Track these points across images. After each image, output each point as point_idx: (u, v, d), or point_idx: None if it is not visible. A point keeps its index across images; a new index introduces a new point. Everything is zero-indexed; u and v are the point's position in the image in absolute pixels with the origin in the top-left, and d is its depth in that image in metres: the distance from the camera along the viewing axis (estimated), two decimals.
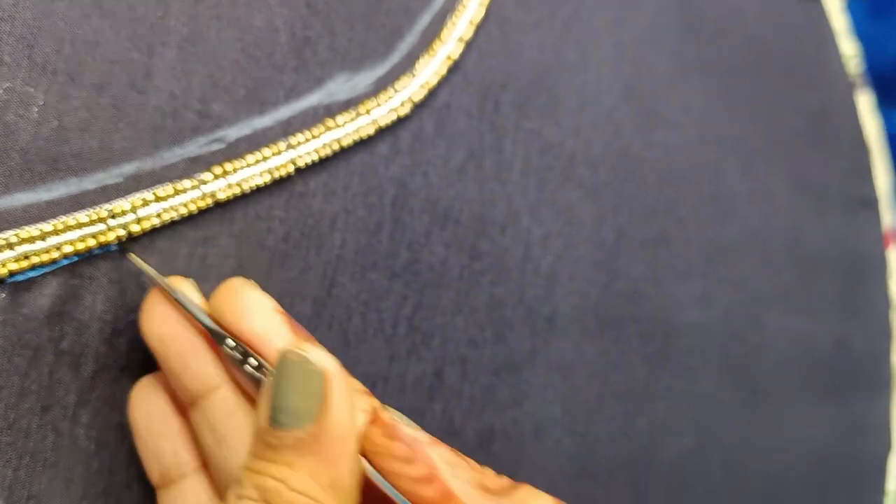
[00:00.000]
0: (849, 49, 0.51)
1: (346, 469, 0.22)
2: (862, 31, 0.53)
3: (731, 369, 0.45)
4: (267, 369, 0.24)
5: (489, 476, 0.24)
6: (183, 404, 0.26)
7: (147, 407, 0.26)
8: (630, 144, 0.40)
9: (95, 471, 0.27)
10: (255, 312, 0.25)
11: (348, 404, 0.22)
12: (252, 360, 0.24)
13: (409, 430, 0.23)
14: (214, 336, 0.25)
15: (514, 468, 0.37)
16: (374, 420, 0.23)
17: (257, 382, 0.24)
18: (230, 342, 0.24)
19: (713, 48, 0.45)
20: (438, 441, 0.23)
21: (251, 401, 0.25)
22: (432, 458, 0.23)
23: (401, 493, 0.23)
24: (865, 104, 0.52)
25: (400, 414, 0.25)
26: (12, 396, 0.25)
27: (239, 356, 0.24)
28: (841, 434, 0.50)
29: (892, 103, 0.55)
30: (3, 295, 0.25)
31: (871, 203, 0.52)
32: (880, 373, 0.52)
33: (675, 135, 0.42)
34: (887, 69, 0.56)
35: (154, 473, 0.26)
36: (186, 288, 0.26)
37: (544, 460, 0.37)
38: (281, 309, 0.25)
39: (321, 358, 0.22)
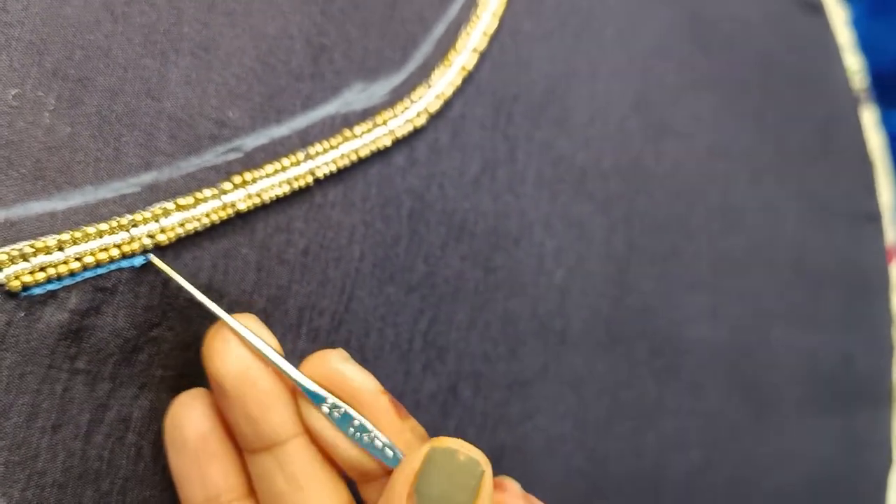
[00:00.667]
0: (854, 63, 0.51)
1: None
2: (862, 31, 0.53)
3: (739, 385, 0.44)
4: (390, 446, 0.25)
5: None
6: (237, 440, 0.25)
7: (192, 425, 0.25)
8: (640, 156, 0.40)
9: (106, 492, 0.26)
10: (361, 392, 0.25)
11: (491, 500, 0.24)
12: (356, 423, 0.24)
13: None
14: (311, 395, 0.24)
15: (525, 485, 0.36)
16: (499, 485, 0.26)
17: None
18: (330, 402, 0.24)
19: (722, 61, 0.45)
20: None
21: (325, 455, 0.25)
22: None
23: None
24: (870, 119, 0.52)
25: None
26: (22, 415, 0.24)
27: (337, 416, 0.24)
28: (844, 449, 0.50)
29: (892, 103, 0.55)
30: (18, 309, 0.24)
31: (875, 218, 0.52)
32: (883, 388, 0.51)
33: (684, 147, 0.42)
34: (887, 69, 0.56)
35: (196, 496, 0.25)
36: (253, 323, 0.25)
37: (554, 476, 0.37)
38: (382, 388, 0.25)
39: (473, 450, 0.23)
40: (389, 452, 0.24)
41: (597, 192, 0.38)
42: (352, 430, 0.24)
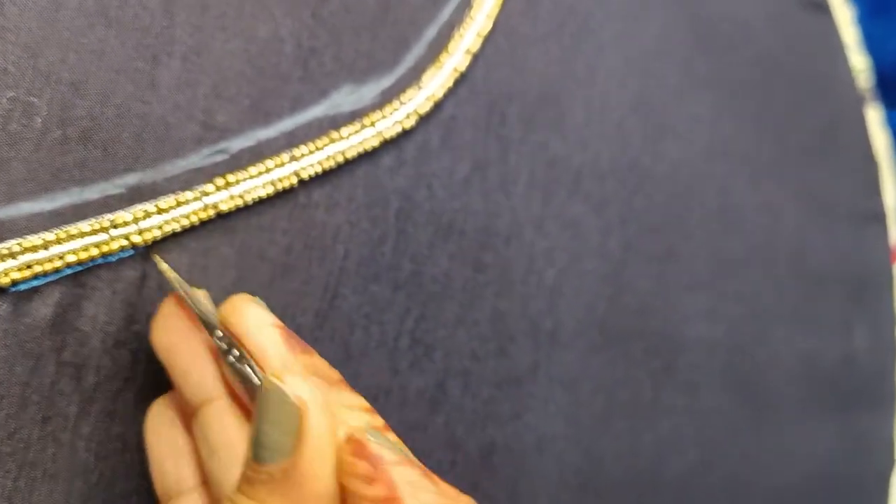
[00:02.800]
0: (859, 63, 0.51)
1: None
2: (862, 30, 0.52)
3: (736, 384, 0.44)
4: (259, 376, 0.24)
5: (450, 495, 0.23)
6: (188, 417, 0.26)
7: (157, 424, 0.26)
8: (638, 157, 0.40)
9: (95, 483, 0.26)
10: (254, 327, 0.24)
11: (328, 439, 0.21)
12: (253, 378, 0.24)
13: (377, 447, 0.22)
14: (219, 347, 0.24)
15: (515, 481, 0.36)
16: (348, 438, 0.22)
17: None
18: (234, 353, 0.24)
19: (722, 61, 0.45)
20: (409, 460, 0.22)
21: (249, 416, 0.24)
22: (394, 479, 0.21)
23: None
24: (874, 118, 0.51)
25: (380, 434, 0.24)
26: (13, 406, 0.25)
27: (239, 369, 0.24)
28: (845, 450, 0.49)
29: (892, 103, 0.55)
30: (6, 304, 0.25)
31: (878, 218, 0.51)
32: (885, 389, 0.51)
33: (683, 148, 0.42)
34: (888, 69, 0.55)
35: (158, 487, 0.26)
36: (202, 297, 0.26)
37: (546, 474, 0.37)
38: (280, 323, 0.25)
39: (299, 388, 0.21)
40: (255, 379, 0.23)
41: (592, 193, 0.38)
42: (232, 359, 0.24)
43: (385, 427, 0.24)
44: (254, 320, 0.24)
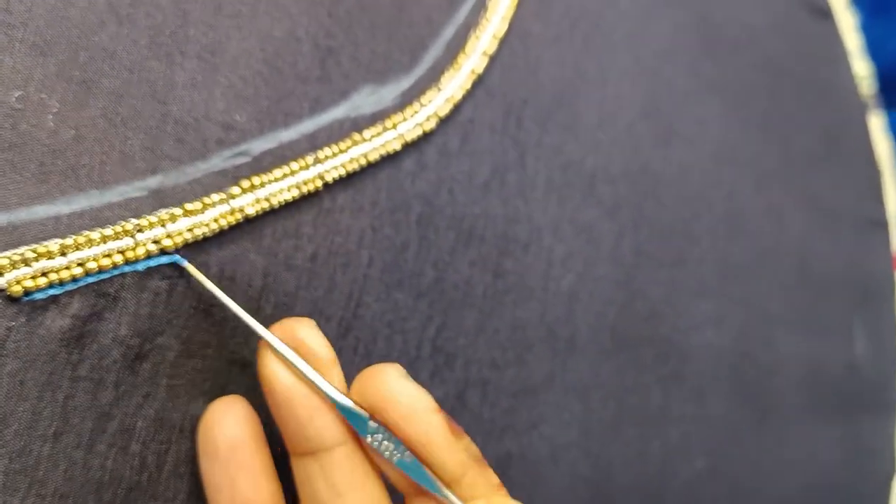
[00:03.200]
0: (862, 69, 0.51)
1: None
2: (863, 30, 0.53)
3: (743, 391, 0.44)
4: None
5: None
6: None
7: (225, 434, 0.25)
8: (649, 161, 0.40)
9: (108, 502, 0.25)
10: (414, 411, 0.24)
11: None
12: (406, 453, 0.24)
13: None
14: (353, 420, 0.24)
15: (531, 492, 0.36)
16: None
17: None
18: (373, 426, 0.24)
19: (729, 66, 0.45)
20: None
21: (370, 462, 0.25)
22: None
23: None
24: (877, 125, 0.51)
25: None
26: (23, 422, 0.24)
27: (381, 443, 0.24)
28: (848, 456, 0.49)
29: (892, 103, 0.55)
30: (19, 314, 0.23)
31: (881, 224, 0.51)
32: (888, 395, 0.51)
33: (691, 152, 0.42)
34: (888, 69, 0.55)
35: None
36: (312, 338, 0.25)
37: (560, 484, 0.36)
38: (436, 405, 0.25)
39: None
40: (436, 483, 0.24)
41: (605, 197, 0.38)
42: (398, 454, 0.24)
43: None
44: (411, 404, 0.24)
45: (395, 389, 0.24)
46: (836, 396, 0.49)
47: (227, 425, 0.25)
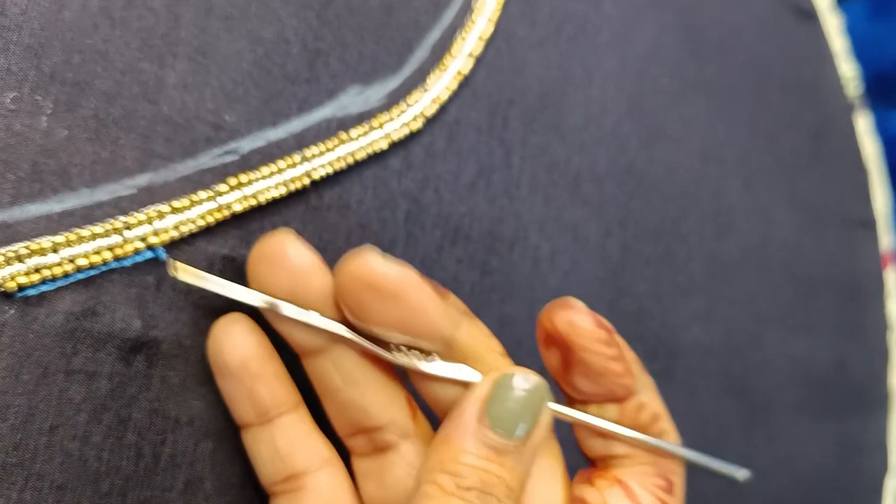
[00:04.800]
0: (848, 71, 0.52)
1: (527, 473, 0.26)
2: (861, 32, 0.53)
3: (731, 388, 0.44)
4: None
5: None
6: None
7: (233, 350, 0.26)
8: (634, 160, 0.40)
9: (105, 493, 0.26)
10: (404, 288, 0.25)
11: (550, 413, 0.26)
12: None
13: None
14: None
15: None
16: (596, 321, 0.27)
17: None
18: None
19: (714, 66, 0.45)
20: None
21: (367, 356, 0.27)
22: (619, 341, 0.28)
23: (599, 368, 0.27)
24: (864, 125, 0.52)
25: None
26: (19, 416, 0.24)
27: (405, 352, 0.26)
28: (838, 454, 0.50)
29: (891, 103, 0.56)
30: (13, 310, 0.24)
31: (869, 224, 0.52)
32: (878, 393, 0.52)
33: (677, 151, 0.42)
34: (887, 69, 0.56)
35: (247, 413, 0.27)
36: (297, 251, 0.26)
37: None
38: (421, 274, 0.26)
39: (541, 379, 0.26)
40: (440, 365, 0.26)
41: (591, 196, 0.38)
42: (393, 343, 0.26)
43: None
44: (399, 281, 0.25)
45: (381, 271, 0.25)
46: (826, 394, 0.49)
47: (234, 341, 0.26)
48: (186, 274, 0.26)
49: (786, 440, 0.47)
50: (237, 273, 0.28)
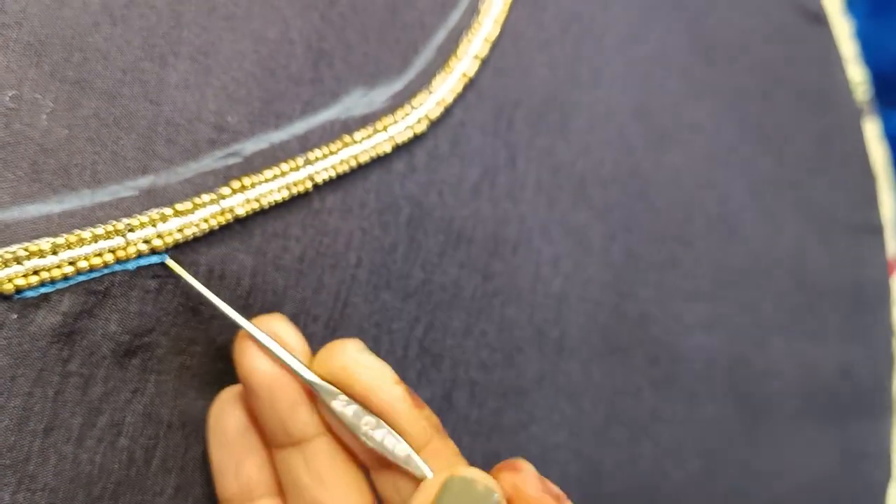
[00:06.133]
0: (857, 76, 0.51)
1: None
2: (862, 31, 0.53)
3: (735, 394, 0.44)
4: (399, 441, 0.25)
5: None
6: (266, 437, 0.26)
7: (233, 421, 0.26)
8: (640, 164, 0.40)
9: (98, 496, 0.26)
10: (377, 386, 0.25)
11: None
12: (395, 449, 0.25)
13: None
14: (320, 391, 0.25)
15: None
16: (533, 477, 0.25)
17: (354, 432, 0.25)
18: (341, 398, 0.25)
19: (722, 70, 0.45)
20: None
21: (347, 450, 0.26)
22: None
23: None
24: (872, 131, 0.52)
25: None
26: (14, 418, 0.24)
27: (350, 414, 0.25)
28: (842, 461, 0.49)
29: (892, 103, 0.55)
30: (10, 312, 0.24)
31: (876, 230, 0.51)
32: (882, 400, 0.51)
33: (684, 155, 0.42)
34: (887, 69, 0.55)
35: (230, 487, 0.27)
36: (286, 332, 0.26)
37: None
38: (396, 376, 0.26)
39: (495, 485, 0.24)
40: (402, 451, 0.25)
41: (596, 199, 0.38)
42: (365, 425, 0.25)
43: None
44: (373, 376, 0.25)
45: (357, 362, 0.25)
46: (831, 401, 0.49)
47: (236, 413, 0.26)
48: (187, 279, 0.25)
49: (789, 447, 0.47)
50: (235, 277, 0.27)
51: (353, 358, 0.25)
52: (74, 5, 0.26)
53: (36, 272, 0.23)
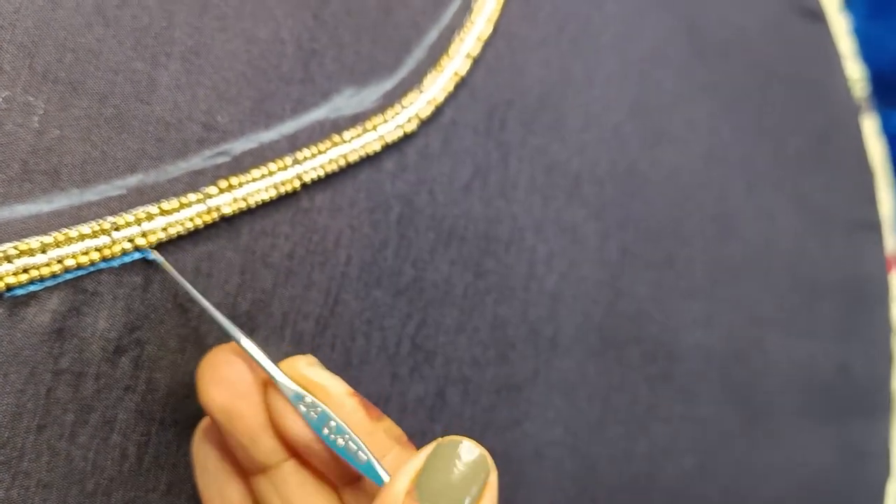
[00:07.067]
0: (855, 72, 0.51)
1: None
2: (861, 31, 0.53)
3: (732, 392, 0.44)
4: (363, 448, 0.24)
5: None
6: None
7: (211, 450, 0.26)
8: (636, 162, 0.40)
9: (91, 492, 0.26)
10: (328, 396, 0.25)
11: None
12: (332, 424, 0.24)
13: None
14: (287, 392, 0.25)
15: (514, 489, 0.36)
16: None
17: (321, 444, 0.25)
18: (308, 400, 0.24)
19: (719, 68, 0.45)
20: None
21: (315, 472, 0.26)
22: None
23: None
24: (870, 127, 0.51)
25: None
26: (7, 415, 0.24)
27: (314, 416, 0.24)
28: (840, 459, 0.49)
29: (891, 103, 0.55)
30: (1, 309, 0.24)
31: (874, 226, 0.51)
32: (881, 398, 0.51)
33: (680, 153, 0.42)
34: (887, 69, 0.55)
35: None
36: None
37: (544, 482, 0.37)
38: (352, 390, 0.25)
39: (483, 451, 0.24)
40: (363, 456, 0.24)
41: (591, 197, 0.38)
42: (327, 431, 0.24)
43: None
44: (326, 387, 0.25)
45: (306, 378, 0.25)
46: (828, 399, 0.49)
47: (214, 442, 0.26)
48: (171, 273, 0.26)
49: (787, 445, 0.47)
50: (223, 274, 0.28)
51: (302, 374, 0.25)
52: (67, 6, 0.26)
53: (26, 270, 0.24)
